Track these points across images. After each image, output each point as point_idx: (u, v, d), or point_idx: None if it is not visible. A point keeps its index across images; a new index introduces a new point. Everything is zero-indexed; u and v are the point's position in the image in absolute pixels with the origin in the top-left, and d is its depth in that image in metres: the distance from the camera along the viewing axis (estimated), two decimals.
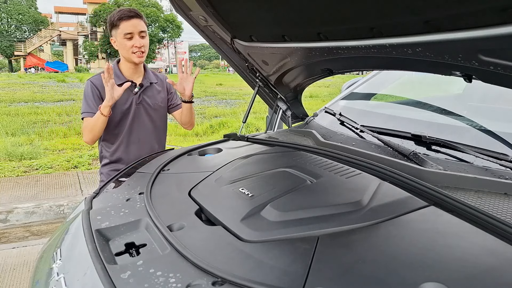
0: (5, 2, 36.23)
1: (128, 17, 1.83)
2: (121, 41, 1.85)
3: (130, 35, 1.84)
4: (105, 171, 2.03)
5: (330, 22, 1.24)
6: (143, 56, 1.90)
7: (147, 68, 2.04)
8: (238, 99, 14.46)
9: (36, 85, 17.48)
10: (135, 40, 1.84)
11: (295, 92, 2.06)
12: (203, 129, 8.13)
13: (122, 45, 1.86)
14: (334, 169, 1.24)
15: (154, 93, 2.02)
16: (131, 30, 1.83)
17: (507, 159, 1.12)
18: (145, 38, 1.89)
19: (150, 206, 1.07)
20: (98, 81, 1.90)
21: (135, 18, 1.84)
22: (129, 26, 1.83)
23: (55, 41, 43.83)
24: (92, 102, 1.88)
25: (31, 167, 5.14)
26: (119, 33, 1.85)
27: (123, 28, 1.83)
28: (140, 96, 1.96)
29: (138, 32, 1.84)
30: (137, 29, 1.84)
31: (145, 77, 2.00)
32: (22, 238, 3.31)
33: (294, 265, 0.76)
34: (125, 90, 1.89)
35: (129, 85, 1.83)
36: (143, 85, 1.96)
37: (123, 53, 1.90)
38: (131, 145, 1.98)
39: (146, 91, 1.98)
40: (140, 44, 1.85)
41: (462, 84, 1.68)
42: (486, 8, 0.82)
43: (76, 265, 0.94)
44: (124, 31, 1.83)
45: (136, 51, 1.85)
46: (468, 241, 0.84)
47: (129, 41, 1.85)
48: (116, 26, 1.85)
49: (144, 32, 1.88)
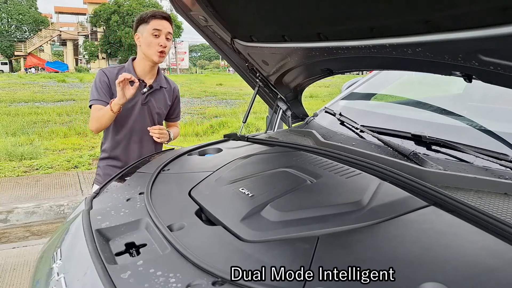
0: (5, 2, 36.25)
1: (162, 17, 1.88)
2: (147, 37, 1.87)
3: (158, 33, 1.87)
4: (102, 165, 2.03)
5: (330, 22, 1.24)
6: (163, 57, 1.92)
7: (160, 72, 2.05)
8: (238, 99, 14.46)
9: (36, 85, 17.49)
10: (161, 39, 1.87)
11: (295, 92, 2.06)
12: (203, 129, 8.13)
13: (147, 41, 1.88)
14: (334, 169, 1.24)
15: (161, 98, 2.03)
16: (160, 28, 1.86)
17: (507, 159, 1.12)
18: (170, 42, 1.93)
19: (150, 206, 1.07)
20: (110, 73, 1.92)
21: (166, 20, 1.89)
22: (160, 24, 1.86)
23: (55, 41, 43.86)
24: (101, 91, 1.90)
25: (31, 167, 5.14)
26: (147, 29, 1.87)
27: (152, 24, 1.86)
28: (147, 97, 1.97)
29: (166, 33, 1.88)
30: (166, 29, 1.88)
31: (157, 80, 2.01)
32: (22, 238, 3.31)
33: (294, 265, 0.76)
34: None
35: (139, 84, 1.83)
36: (153, 87, 1.97)
37: (145, 50, 1.90)
38: (131, 143, 1.98)
39: (155, 93, 2.00)
40: (165, 44, 1.88)
41: (462, 84, 1.69)
42: (486, 8, 0.82)
43: (76, 265, 0.94)
44: (153, 27, 1.86)
45: (160, 49, 1.88)
46: (468, 241, 0.84)
47: (156, 38, 1.87)
48: (146, 22, 1.87)
49: (170, 34, 1.92)
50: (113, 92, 1.90)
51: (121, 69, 1.96)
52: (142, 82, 1.94)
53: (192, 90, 17.32)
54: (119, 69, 1.96)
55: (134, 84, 1.78)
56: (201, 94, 15.72)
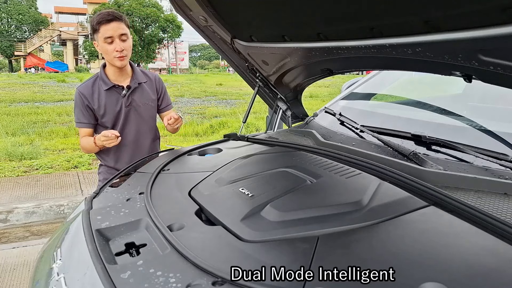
0: (5, 2, 36.23)
1: (107, 20, 1.78)
2: (102, 45, 1.82)
3: (110, 39, 1.80)
4: (103, 171, 2.03)
5: (330, 22, 1.24)
6: (125, 60, 1.86)
7: (135, 68, 2.00)
8: (238, 99, 14.46)
9: (36, 85, 17.48)
10: (116, 44, 1.80)
11: (295, 92, 2.06)
12: (203, 129, 8.12)
13: (104, 50, 1.83)
14: (334, 169, 1.24)
15: (144, 93, 1.99)
16: (110, 34, 1.79)
17: (507, 159, 1.11)
18: (127, 41, 1.84)
19: (150, 206, 1.07)
20: (85, 90, 1.89)
21: (114, 21, 1.79)
22: (109, 30, 1.78)
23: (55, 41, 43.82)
24: (81, 113, 1.90)
25: (31, 167, 5.14)
26: (99, 37, 1.81)
27: (102, 32, 1.79)
28: (129, 98, 1.93)
29: (118, 36, 1.80)
30: (117, 32, 1.79)
31: (133, 78, 1.96)
32: (22, 238, 3.31)
33: (294, 265, 0.76)
34: (114, 93, 1.90)
35: (117, 89, 1.83)
36: (131, 87, 1.93)
37: (106, 57, 1.87)
38: (123, 146, 1.96)
39: (135, 91, 1.96)
40: (120, 47, 1.81)
41: (462, 84, 1.68)
42: (486, 8, 0.82)
43: (76, 265, 0.94)
44: (104, 35, 1.79)
45: (117, 55, 1.82)
46: (468, 241, 0.84)
47: (110, 45, 1.81)
48: (96, 30, 1.81)
49: (125, 35, 1.83)
50: (92, 109, 1.89)
51: (96, 79, 1.93)
52: (118, 86, 1.91)
53: (192, 90, 17.32)
54: (93, 80, 1.93)
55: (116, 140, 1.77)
56: (201, 94, 15.70)
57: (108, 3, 35.44)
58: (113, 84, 1.91)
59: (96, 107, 1.89)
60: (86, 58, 39.57)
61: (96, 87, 1.91)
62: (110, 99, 1.91)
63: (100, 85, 1.91)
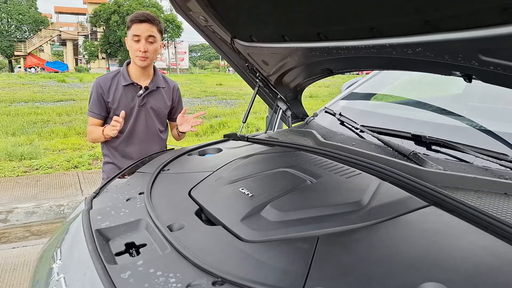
0: (5, 2, 36.22)
1: (140, 20, 1.86)
2: (130, 42, 1.91)
3: (137, 38, 1.87)
4: (107, 169, 2.04)
5: (330, 22, 1.24)
6: (146, 61, 1.91)
7: (157, 72, 2.06)
8: (238, 99, 14.46)
9: (36, 85, 17.47)
10: (141, 44, 1.87)
11: (295, 92, 2.06)
12: (203, 129, 8.12)
13: (129, 46, 1.91)
14: (334, 169, 1.24)
15: (159, 98, 2.04)
16: (138, 33, 1.87)
17: (507, 159, 1.12)
18: (153, 44, 1.91)
19: (150, 206, 1.07)
20: (104, 82, 1.95)
21: (146, 22, 1.87)
22: (138, 29, 1.86)
23: (55, 41, 43.82)
24: (95, 103, 1.95)
25: (31, 167, 5.14)
26: (129, 34, 1.90)
27: (132, 30, 1.87)
28: (144, 99, 1.98)
29: (145, 37, 1.87)
30: (145, 33, 1.87)
31: (153, 80, 2.02)
32: (22, 238, 3.31)
33: (294, 265, 0.76)
34: (131, 91, 1.95)
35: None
36: (148, 88, 1.98)
37: (130, 54, 1.94)
38: (130, 146, 2.00)
39: (152, 94, 2.00)
40: (144, 49, 1.87)
41: (462, 84, 1.68)
42: (486, 8, 0.82)
43: (76, 265, 0.94)
44: (133, 33, 1.87)
45: (139, 55, 1.88)
46: (468, 241, 0.84)
47: (136, 43, 1.88)
48: (129, 27, 1.90)
49: (153, 37, 1.89)
50: (106, 102, 1.94)
51: (117, 74, 1.99)
52: (137, 85, 1.96)
53: (192, 90, 17.32)
54: (114, 74, 2.00)
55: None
56: (201, 94, 15.70)
57: (108, 3, 35.47)
58: (132, 81, 1.96)
59: (110, 100, 1.94)
60: (86, 58, 39.60)
61: (115, 81, 1.97)
62: (126, 95, 1.96)
63: (120, 80, 1.96)
